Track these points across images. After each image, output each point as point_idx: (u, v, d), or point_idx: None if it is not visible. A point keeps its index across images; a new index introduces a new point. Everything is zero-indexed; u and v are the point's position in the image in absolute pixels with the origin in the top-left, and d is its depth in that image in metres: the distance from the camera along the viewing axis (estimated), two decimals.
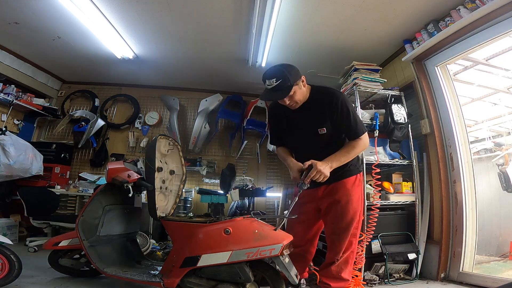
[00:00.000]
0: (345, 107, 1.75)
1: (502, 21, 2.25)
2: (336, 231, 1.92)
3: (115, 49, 3.61)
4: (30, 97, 4.16)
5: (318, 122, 1.81)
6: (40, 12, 2.97)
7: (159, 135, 2.20)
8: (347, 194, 1.88)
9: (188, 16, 2.96)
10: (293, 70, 1.72)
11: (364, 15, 2.78)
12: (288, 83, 1.68)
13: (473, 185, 2.63)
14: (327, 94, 1.79)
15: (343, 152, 1.79)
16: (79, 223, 2.03)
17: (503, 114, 3.74)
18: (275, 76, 1.68)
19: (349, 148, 1.80)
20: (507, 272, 2.82)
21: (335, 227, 1.92)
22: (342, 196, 1.87)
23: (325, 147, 1.83)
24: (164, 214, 2.16)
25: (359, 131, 1.80)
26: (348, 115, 1.76)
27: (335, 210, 1.90)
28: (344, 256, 1.93)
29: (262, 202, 4.53)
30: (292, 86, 1.69)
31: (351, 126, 1.78)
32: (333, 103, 1.75)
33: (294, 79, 1.70)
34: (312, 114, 1.82)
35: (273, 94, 1.73)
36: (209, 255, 1.74)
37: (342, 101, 1.75)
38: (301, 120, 1.87)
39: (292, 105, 1.79)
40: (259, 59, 3.59)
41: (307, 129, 1.87)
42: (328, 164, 1.71)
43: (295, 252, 1.89)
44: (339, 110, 1.75)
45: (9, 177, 3.31)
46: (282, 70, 1.70)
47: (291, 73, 1.70)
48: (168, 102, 4.67)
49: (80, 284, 2.12)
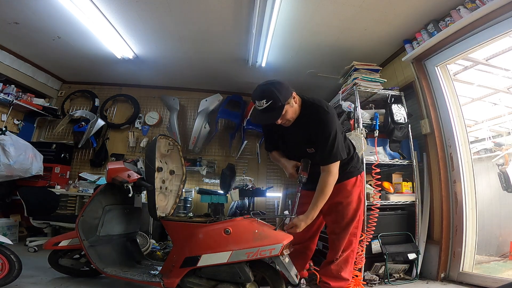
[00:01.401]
0: (326, 129, 1.68)
1: (502, 21, 2.25)
2: (336, 231, 1.97)
3: (115, 49, 3.61)
4: (30, 97, 4.16)
5: (306, 142, 1.79)
6: (40, 12, 2.97)
7: (159, 135, 2.20)
8: (348, 196, 1.91)
9: (188, 16, 2.96)
10: (283, 88, 1.64)
11: (364, 15, 2.78)
12: (279, 103, 1.61)
13: (473, 185, 2.63)
14: (314, 114, 1.72)
15: (316, 197, 1.76)
16: (79, 223, 2.03)
17: (503, 114, 3.73)
18: (264, 97, 1.62)
19: (318, 188, 1.76)
20: (507, 272, 2.82)
21: (336, 226, 1.97)
22: (343, 198, 1.91)
23: (316, 163, 1.81)
24: (164, 214, 2.16)
25: (328, 160, 1.72)
26: (326, 140, 1.68)
27: (336, 211, 1.94)
28: (343, 255, 1.95)
29: (262, 202, 4.53)
30: (283, 106, 1.63)
31: (324, 151, 1.71)
32: (316, 124, 1.70)
33: (285, 98, 1.63)
34: (301, 134, 1.79)
35: (264, 116, 1.67)
36: (209, 255, 1.74)
37: (326, 123, 1.68)
38: (293, 136, 1.86)
39: (285, 123, 1.75)
40: (259, 59, 3.59)
41: (298, 146, 1.86)
42: (303, 221, 1.75)
43: (295, 249, 1.92)
44: (318, 131, 1.70)
45: (9, 177, 3.31)
46: (271, 90, 1.61)
47: (281, 92, 1.62)
48: (168, 102, 4.67)
49: (80, 284, 2.12)
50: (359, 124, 2.80)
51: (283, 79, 1.78)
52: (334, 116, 1.71)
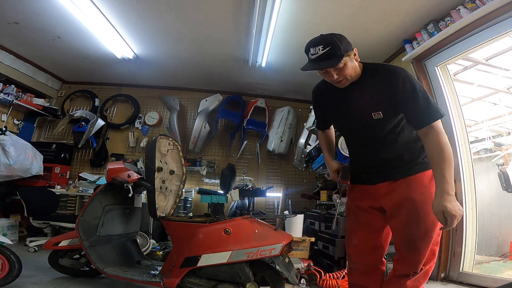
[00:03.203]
0: (408, 84, 1.32)
1: (502, 21, 2.25)
2: (412, 238, 1.41)
3: (115, 49, 3.61)
4: (30, 97, 4.16)
5: (372, 104, 1.39)
6: (40, 12, 2.97)
7: (159, 135, 2.20)
8: (424, 192, 1.37)
9: (188, 16, 2.96)
10: (344, 39, 1.40)
11: (364, 15, 2.78)
12: (339, 51, 1.35)
13: (473, 185, 2.62)
14: (384, 70, 1.42)
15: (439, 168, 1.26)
16: (79, 223, 2.03)
17: (503, 114, 3.73)
18: (322, 43, 1.39)
19: (435, 155, 1.29)
20: (507, 272, 2.82)
21: (410, 233, 1.41)
22: (418, 194, 1.38)
23: (382, 136, 1.42)
24: (164, 214, 2.16)
25: (429, 116, 1.30)
26: (414, 94, 1.31)
27: (408, 211, 1.39)
28: (425, 269, 1.46)
29: (262, 202, 4.54)
30: (342, 55, 1.35)
31: (418, 108, 1.31)
32: (393, 81, 1.34)
33: (346, 49, 1.37)
34: (365, 95, 1.42)
35: (319, 63, 1.40)
36: (209, 255, 1.74)
37: (405, 77, 1.33)
38: (351, 102, 1.47)
39: (341, 81, 1.41)
40: (259, 59, 3.59)
41: (358, 113, 1.46)
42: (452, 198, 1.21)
43: (365, 263, 1.51)
44: (400, 88, 1.32)
45: (9, 177, 3.31)
46: (331, 37, 1.39)
47: (342, 41, 1.38)
48: (168, 102, 4.67)
49: (80, 284, 2.12)
50: None
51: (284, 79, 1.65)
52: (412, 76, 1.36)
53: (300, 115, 4.76)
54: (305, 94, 4.85)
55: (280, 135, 4.47)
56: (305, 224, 3.38)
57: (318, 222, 3.25)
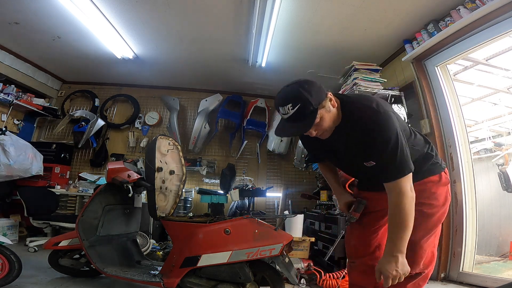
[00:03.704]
0: (381, 138, 1.20)
1: (502, 21, 2.25)
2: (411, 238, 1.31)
3: (115, 49, 3.61)
4: (30, 97, 4.16)
5: (361, 155, 1.30)
6: (40, 12, 2.97)
7: (159, 135, 2.20)
8: (429, 196, 1.37)
9: (188, 16, 2.96)
10: (313, 87, 1.21)
11: (364, 15, 2.78)
12: (311, 107, 1.18)
13: (473, 185, 2.63)
14: (360, 119, 1.25)
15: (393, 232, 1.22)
16: (79, 223, 2.03)
17: (503, 114, 3.73)
18: (289, 100, 1.20)
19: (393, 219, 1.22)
20: (507, 272, 2.82)
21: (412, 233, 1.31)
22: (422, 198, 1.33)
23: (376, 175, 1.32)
24: (164, 214, 2.16)
25: (394, 173, 1.21)
26: (383, 150, 1.20)
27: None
28: (426, 272, 1.45)
29: (262, 202, 4.53)
30: (316, 110, 1.20)
31: (385, 165, 1.22)
32: (366, 133, 1.24)
33: (318, 100, 1.20)
34: (352, 145, 1.32)
35: (292, 127, 1.23)
36: (209, 255, 1.74)
37: (378, 129, 1.20)
38: (340, 149, 1.38)
39: (322, 134, 1.31)
40: (259, 59, 3.59)
41: (350, 160, 1.41)
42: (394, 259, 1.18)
43: (362, 262, 1.50)
44: (372, 142, 1.23)
45: (9, 177, 3.31)
46: (299, 90, 1.19)
47: (312, 92, 1.19)
48: (168, 102, 4.67)
49: (80, 284, 2.12)
50: None
51: (284, 79, 1.48)
52: (387, 115, 1.22)
53: None
54: None
55: None
56: (305, 224, 3.38)
57: (318, 222, 3.25)
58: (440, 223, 1.44)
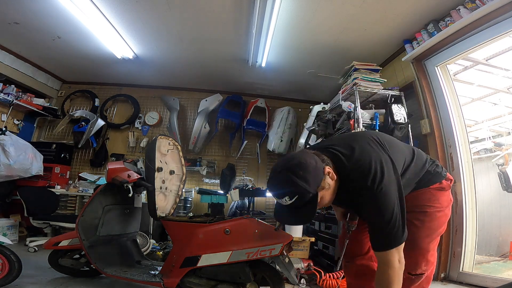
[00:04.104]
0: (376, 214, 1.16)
1: (502, 21, 2.25)
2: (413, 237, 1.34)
3: (115, 49, 3.61)
4: (30, 97, 4.16)
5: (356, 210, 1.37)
6: (40, 12, 2.97)
7: (159, 135, 2.20)
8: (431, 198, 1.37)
9: (188, 16, 2.96)
10: (308, 171, 1.10)
11: (364, 15, 2.78)
12: (309, 194, 1.10)
13: (473, 185, 2.62)
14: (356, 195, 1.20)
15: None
16: (79, 223, 2.03)
17: (503, 114, 3.73)
18: (286, 193, 1.11)
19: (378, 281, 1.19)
20: (507, 272, 2.82)
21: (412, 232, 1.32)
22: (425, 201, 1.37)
23: None
24: (164, 214, 2.16)
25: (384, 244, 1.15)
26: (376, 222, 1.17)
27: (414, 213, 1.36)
28: (427, 273, 1.44)
29: (262, 202, 4.53)
30: (316, 195, 1.13)
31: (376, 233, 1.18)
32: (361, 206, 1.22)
33: (316, 183, 1.11)
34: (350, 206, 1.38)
35: (292, 216, 1.18)
36: (209, 255, 1.74)
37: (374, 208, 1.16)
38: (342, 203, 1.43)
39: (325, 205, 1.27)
40: (259, 59, 3.59)
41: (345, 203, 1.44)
42: None
43: (356, 263, 1.51)
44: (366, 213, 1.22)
45: (9, 177, 3.31)
46: (293, 180, 1.08)
47: (308, 178, 1.09)
48: (168, 102, 4.67)
49: (80, 284, 2.12)
50: (359, 124, 2.80)
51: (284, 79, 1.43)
52: (383, 192, 1.13)
53: (300, 115, 4.76)
54: (305, 94, 4.86)
55: (280, 135, 4.46)
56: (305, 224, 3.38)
57: (318, 222, 3.25)
58: (443, 224, 1.44)
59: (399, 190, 1.18)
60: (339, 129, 3.14)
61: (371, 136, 1.33)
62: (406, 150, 1.38)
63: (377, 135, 1.37)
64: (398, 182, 1.19)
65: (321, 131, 3.38)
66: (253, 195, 3.79)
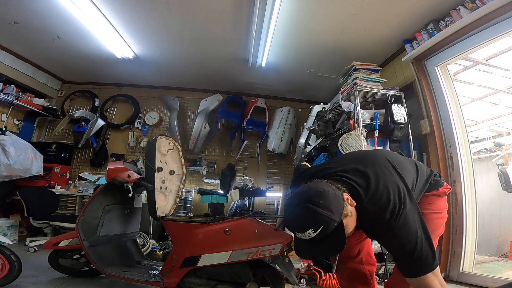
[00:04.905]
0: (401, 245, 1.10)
1: (502, 21, 2.25)
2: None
3: (115, 49, 3.61)
4: (30, 97, 4.16)
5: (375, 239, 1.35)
6: (40, 12, 2.97)
7: (159, 135, 2.20)
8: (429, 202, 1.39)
9: (188, 16, 2.96)
10: (329, 199, 1.04)
11: (364, 15, 2.78)
12: (334, 223, 1.03)
13: (473, 185, 2.63)
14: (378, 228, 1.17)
15: None
16: (79, 223, 2.03)
17: (503, 114, 3.73)
18: (308, 225, 1.02)
19: None
20: (507, 272, 2.82)
21: None
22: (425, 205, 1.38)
23: None
24: (164, 214, 2.16)
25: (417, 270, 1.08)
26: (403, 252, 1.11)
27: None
28: None
29: (262, 202, 4.53)
30: (341, 223, 1.06)
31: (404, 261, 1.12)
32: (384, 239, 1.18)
33: (339, 210, 1.05)
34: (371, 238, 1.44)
35: (319, 249, 1.07)
36: (209, 255, 1.74)
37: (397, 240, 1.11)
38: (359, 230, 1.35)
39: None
40: (259, 59, 3.59)
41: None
42: None
43: (346, 266, 1.55)
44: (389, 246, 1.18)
45: (9, 177, 3.31)
46: (316, 212, 1.02)
47: (331, 206, 1.03)
48: (168, 102, 4.67)
49: (80, 284, 2.12)
50: (359, 124, 2.80)
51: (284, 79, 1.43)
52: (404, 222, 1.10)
53: (300, 115, 4.76)
54: (305, 94, 4.86)
55: (280, 135, 4.47)
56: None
57: None
58: (440, 226, 1.46)
59: (420, 217, 1.13)
60: (339, 129, 3.14)
61: (383, 159, 1.30)
62: (411, 168, 1.38)
63: (387, 156, 1.34)
64: (417, 209, 1.15)
65: (321, 131, 3.38)
66: (253, 195, 3.79)
